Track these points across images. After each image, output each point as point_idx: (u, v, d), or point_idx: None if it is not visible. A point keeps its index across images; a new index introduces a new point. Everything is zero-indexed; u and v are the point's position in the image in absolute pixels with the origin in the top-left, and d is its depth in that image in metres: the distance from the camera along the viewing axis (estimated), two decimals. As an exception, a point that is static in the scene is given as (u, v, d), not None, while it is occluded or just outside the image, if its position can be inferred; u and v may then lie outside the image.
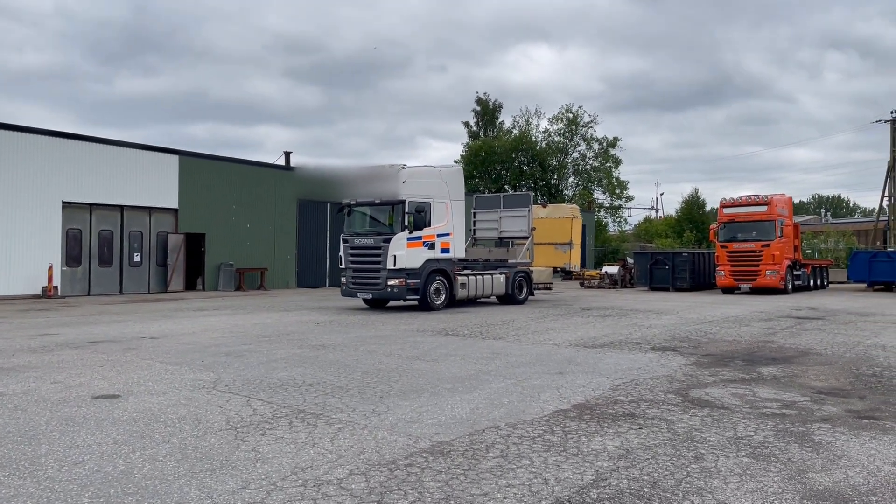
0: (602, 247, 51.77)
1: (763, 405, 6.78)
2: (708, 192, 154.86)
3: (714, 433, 5.70)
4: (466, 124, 60.84)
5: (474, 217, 23.70)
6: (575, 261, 25.92)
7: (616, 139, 56.04)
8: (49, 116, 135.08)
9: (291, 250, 30.91)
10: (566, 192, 55.97)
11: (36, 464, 4.85)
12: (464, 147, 59.02)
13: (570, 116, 56.28)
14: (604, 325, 14.44)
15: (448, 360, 9.52)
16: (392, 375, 8.32)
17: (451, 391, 7.39)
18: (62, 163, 23.74)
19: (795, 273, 27.79)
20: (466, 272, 19.25)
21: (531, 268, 22.06)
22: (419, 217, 17.60)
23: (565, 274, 32.22)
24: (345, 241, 18.62)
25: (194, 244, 27.68)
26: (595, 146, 56.61)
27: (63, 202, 23.74)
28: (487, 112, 60.00)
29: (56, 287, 23.03)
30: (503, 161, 55.43)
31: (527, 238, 22.20)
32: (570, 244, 25.28)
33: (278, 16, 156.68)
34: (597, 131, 66.79)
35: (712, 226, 29.21)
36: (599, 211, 56.27)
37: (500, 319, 15.72)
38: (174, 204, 26.78)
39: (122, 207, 25.40)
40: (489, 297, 20.61)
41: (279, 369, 8.75)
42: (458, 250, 19.09)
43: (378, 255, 17.66)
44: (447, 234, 18.44)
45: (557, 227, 25.29)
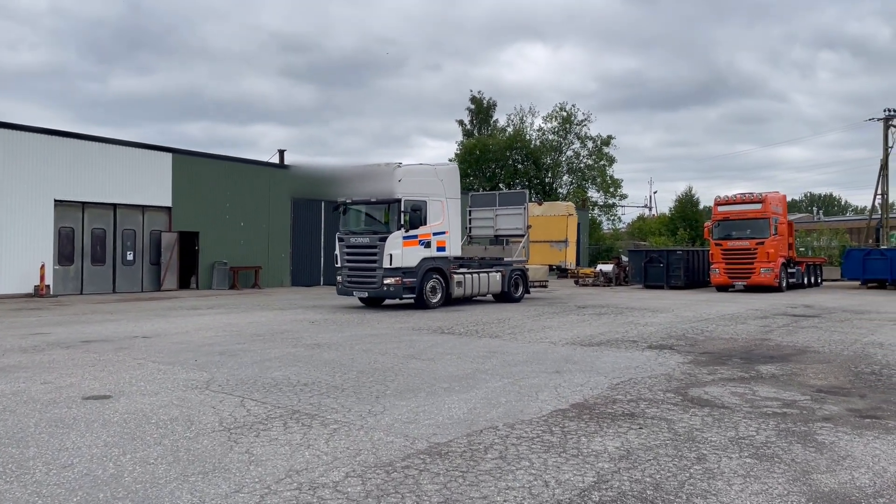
0: (596, 245, 51.72)
1: (763, 404, 6.71)
2: (701, 191, 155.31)
3: (715, 433, 5.62)
4: (461, 122, 60.67)
5: (470, 215, 23.61)
6: (570, 258, 25.80)
7: (610, 137, 56.06)
8: (44, 115, 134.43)
9: (286, 249, 30.74)
10: (560, 191, 55.90)
11: (23, 467, 4.73)
12: (458, 145, 58.93)
13: (565, 115, 56.28)
14: (600, 323, 14.37)
15: (444, 359, 9.42)
16: (388, 375, 8.22)
17: (448, 391, 7.30)
18: (54, 161, 23.51)
19: (790, 271, 27.82)
20: (462, 270, 19.16)
21: (527, 266, 22.01)
22: (415, 215, 17.50)
23: (561, 272, 32.16)
24: (340, 240, 18.50)
25: (188, 242, 27.47)
26: (589, 144, 56.65)
27: (55, 200, 23.52)
28: (482, 110, 59.82)
29: (48, 286, 22.83)
30: (497, 159, 55.30)
31: (522, 236, 22.12)
32: (566, 242, 25.17)
33: (273, 14, 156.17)
34: (591, 129, 66.95)
35: (707, 223, 29.22)
36: (593, 209, 56.24)
37: (497, 318, 15.64)
38: (167, 202, 26.58)
39: (115, 206, 25.19)
40: (485, 296, 20.54)
41: (273, 369, 8.64)
42: (455, 248, 18.97)
43: (374, 254, 17.55)
44: (443, 233, 18.33)
45: (553, 225, 25.19)
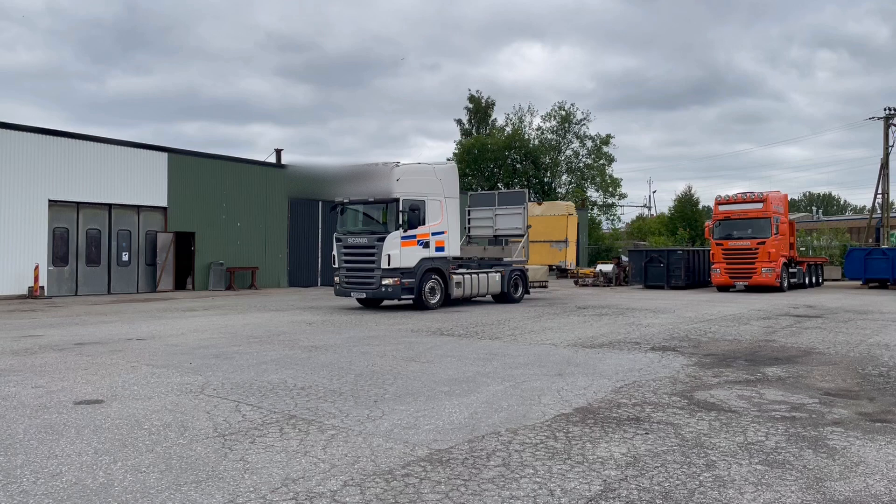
0: (595, 245, 51.58)
1: (771, 408, 6.56)
2: (700, 190, 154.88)
3: (724, 438, 5.47)
4: (459, 122, 60.48)
5: (469, 215, 23.44)
6: (570, 258, 25.67)
7: (609, 136, 55.97)
8: (40, 115, 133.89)
9: (283, 249, 30.55)
10: (559, 190, 55.78)
11: (10, 476, 4.57)
12: (456, 145, 58.75)
13: (563, 114, 56.16)
14: (601, 325, 14.22)
15: (444, 362, 9.27)
16: (387, 378, 8.06)
17: (449, 394, 7.14)
18: (48, 160, 23.31)
19: (791, 270, 27.69)
20: (462, 271, 19.01)
21: (527, 266, 21.85)
22: (413, 215, 17.31)
23: (560, 272, 32.02)
24: (338, 240, 18.33)
25: (184, 243, 27.29)
26: (588, 143, 56.54)
27: (49, 200, 23.32)
28: (480, 109, 59.61)
29: (42, 287, 22.63)
30: (496, 159, 55.14)
31: (522, 236, 21.96)
32: (566, 242, 25.02)
33: (270, 14, 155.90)
34: (590, 129, 66.94)
35: (707, 223, 29.09)
36: (593, 209, 56.10)
37: (496, 319, 15.48)
38: (163, 202, 26.39)
39: (110, 206, 25.00)
40: (484, 296, 20.38)
41: (270, 372, 8.48)
42: (453, 249, 18.80)
43: (372, 254, 17.39)
44: (442, 233, 18.17)
45: (553, 225, 25.05)
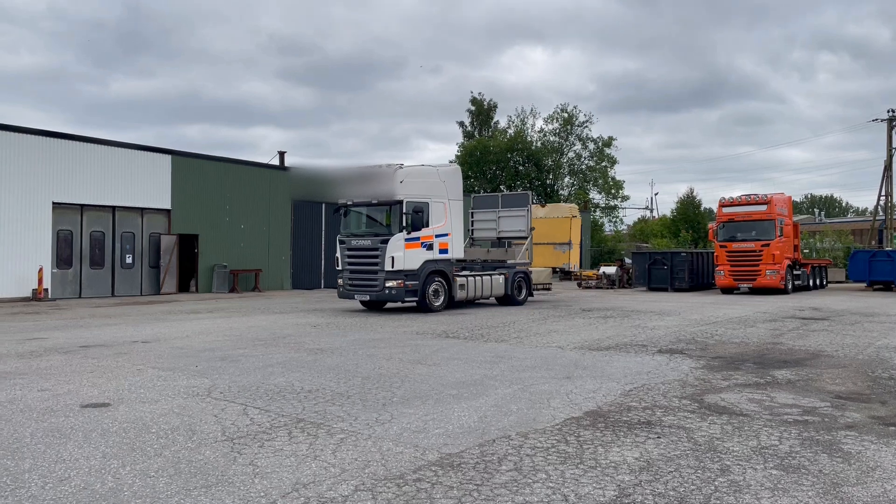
0: (598, 247, 51.51)
1: (783, 411, 6.50)
2: (702, 192, 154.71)
3: (737, 442, 5.41)
4: (461, 124, 60.44)
5: (472, 217, 23.39)
6: (574, 261, 25.66)
7: (611, 138, 55.86)
8: (43, 118, 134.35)
9: (286, 251, 30.52)
10: (562, 192, 55.73)
11: (18, 480, 4.53)
12: (459, 147, 58.71)
13: (566, 116, 56.10)
14: (607, 327, 14.17)
15: (451, 364, 9.22)
16: (394, 381, 8.01)
17: (457, 397, 7.09)
18: (52, 163, 23.31)
19: (795, 273, 27.60)
20: (465, 273, 18.95)
21: (530, 268, 21.80)
22: (417, 217, 17.26)
23: (563, 274, 31.94)
24: (341, 243, 18.29)
25: (187, 245, 27.26)
26: (590, 146, 56.47)
27: (53, 203, 23.32)
28: (482, 112, 59.60)
29: (46, 289, 22.62)
30: (498, 161, 55.10)
31: (525, 238, 21.90)
32: (570, 244, 25.01)
33: (272, 17, 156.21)
34: (592, 131, 66.81)
35: (711, 225, 28.99)
36: (595, 211, 56.03)
37: (501, 321, 15.43)
38: (167, 205, 26.38)
39: (114, 208, 24.99)
40: (488, 298, 20.32)
41: (276, 375, 8.43)
42: (457, 251, 18.76)
43: (375, 257, 17.34)
44: (446, 235, 18.12)
45: (556, 227, 25.02)
